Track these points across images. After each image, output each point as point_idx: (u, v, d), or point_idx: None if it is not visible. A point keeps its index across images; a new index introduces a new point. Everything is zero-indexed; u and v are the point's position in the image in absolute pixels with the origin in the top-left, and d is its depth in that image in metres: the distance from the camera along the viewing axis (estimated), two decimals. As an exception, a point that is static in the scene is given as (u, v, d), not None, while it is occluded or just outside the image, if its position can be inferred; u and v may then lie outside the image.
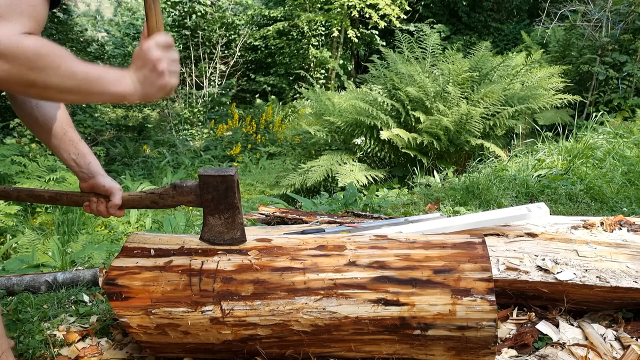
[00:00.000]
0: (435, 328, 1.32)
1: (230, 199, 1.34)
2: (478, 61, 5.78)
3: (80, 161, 1.38)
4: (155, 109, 12.93)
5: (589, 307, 1.71)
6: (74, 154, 1.37)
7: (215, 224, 1.39)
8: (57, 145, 1.37)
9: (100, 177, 1.38)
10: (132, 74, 1.03)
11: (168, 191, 1.36)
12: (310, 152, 6.34)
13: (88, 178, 1.38)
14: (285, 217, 2.43)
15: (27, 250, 3.58)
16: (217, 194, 1.33)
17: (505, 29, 11.90)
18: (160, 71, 1.03)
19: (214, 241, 1.42)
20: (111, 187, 1.38)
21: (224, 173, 1.32)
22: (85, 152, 1.39)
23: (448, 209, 3.13)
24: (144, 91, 1.04)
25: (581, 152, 4.19)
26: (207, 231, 1.41)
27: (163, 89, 1.06)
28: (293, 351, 1.43)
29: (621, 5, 7.15)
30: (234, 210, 1.36)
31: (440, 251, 1.38)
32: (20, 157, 5.52)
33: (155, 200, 1.38)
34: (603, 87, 7.10)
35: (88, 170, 1.38)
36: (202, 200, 1.35)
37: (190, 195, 1.35)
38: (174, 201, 1.37)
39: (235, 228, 1.40)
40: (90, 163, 1.38)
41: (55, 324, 1.80)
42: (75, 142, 1.38)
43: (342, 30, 11.33)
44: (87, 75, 0.97)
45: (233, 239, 1.41)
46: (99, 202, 1.39)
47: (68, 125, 1.38)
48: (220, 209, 1.36)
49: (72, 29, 11.45)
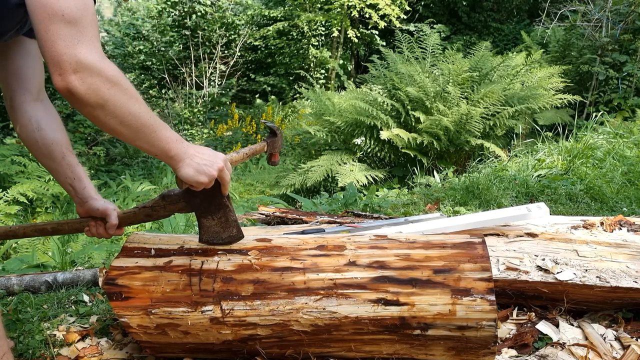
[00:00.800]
0: (435, 328, 1.32)
1: (219, 199, 1.34)
2: (478, 61, 5.78)
3: (76, 185, 1.40)
4: (155, 109, 12.93)
5: (589, 307, 1.71)
6: (71, 179, 1.39)
7: (209, 225, 1.39)
8: (55, 168, 1.39)
9: (93, 201, 1.40)
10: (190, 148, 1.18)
11: (158, 202, 1.37)
12: (310, 152, 6.34)
13: (83, 203, 1.40)
14: (285, 217, 2.43)
15: (27, 250, 3.58)
16: (205, 197, 1.33)
17: (505, 29, 11.91)
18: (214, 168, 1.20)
19: (213, 241, 1.42)
20: (105, 208, 1.39)
21: None
22: (82, 176, 1.41)
23: (448, 209, 3.13)
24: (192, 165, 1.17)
25: (581, 152, 4.19)
26: (204, 233, 1.41)
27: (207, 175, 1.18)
28: (293, 351, 1.43)
29: (621, 5, 7.15)
30: (224, 209, 1.36)
31: (440, 251, 1.38)
32: (20, 157, 5.52)
33: (148, 214, 1.39)
34: (603, 87, 7.10)
35: (82, 194, 1.40)
36: (192, 205, 1.35)
37: (180, 203, 1.36)
38: (166, 211, 1.37)
39: (230, 226, 1.40)
40: (85, 188, 1.40)
41: (55, 324, 1.80)
42: (73, 167, 1.40)
43: (342, 30, 11.34)
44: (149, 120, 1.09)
45: (231, 237, 1.41)
46: (97, 225, 1.40)
47: (67, 150, 1.40)
48: (212, 210, 1.36)
49: (72, 29, 11.42)
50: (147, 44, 12.52)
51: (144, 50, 12.43)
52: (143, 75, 12.92)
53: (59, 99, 9.02)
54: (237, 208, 4.10)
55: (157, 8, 12.03)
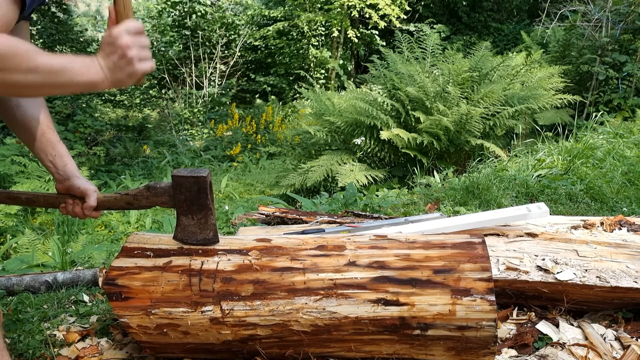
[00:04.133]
0: (435, 328, 1.32)
1: (203, 200, 1.34)
2: (478, 61, 5.77)
3: (57, 162, 1.38)
4: (155, 109, 12.94)
5: (589, 307, 1.71)
6: (52, 155, 1.37)
7: (188, 224, 1.39)
8: (35, 145, 1.37)
9: (75, 179, 1.39)
10: (100, 61, 1.03)
11: (142, 192, 1.37)
12: (310, 152, 6.34)
13: (64, 180, 1.39)
14: (285, 217, 2.43)
15: (27, 250, 3.58)
16: (189, 195, 1.33)
17: (505, 29, 11.91)
18: (130, 57, 1.03)
19: (187, 241, 1.42)
20: (86, 188, 1.38)
21: (196, 174, 1.32)
22: (63, 153, 1.39)
23: (448, 209, 3.13)
24: (114, 78, 1.04)
25: (581, 152, 4.19)
26: (180, 231, 1.41)
27: (133, 76, 1.05)
28: (293, 351, 1.43)
29: (621, 5, 7.16)
30: (206, 211, 1.36)
31: (440, 251, 1.38)
32: (20, 157, 5.52)
33: (129, 202, 1.39)
34: (603, 87, 7.10)
35: (64, 171, 1.38)
36: (175, 201, 1.35)
37: (164, 197, 1.36)
38: (148, 202, 1.37)
39: (207, 229, 1.40)
40: (67, 165, 1.39)
41: (55, 324, 1.80)
42: (53, 144, 1.38)
43: (342, 30, 11.34)
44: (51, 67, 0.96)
45: (206, 240, 1.42)
46: (74, 203, 1.39)
47: (47, 127, 1.38)
48: (193, 209, 1.36)
49: (72, 29, 11.46)
50: (147, 43, 12.50)
51: (144, 50, 12.42)
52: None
53: (59, 98, 9.03)
54: (237, 208, 4.11)
55: (157, 8, 12.04)
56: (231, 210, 4.05)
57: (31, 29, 8.75)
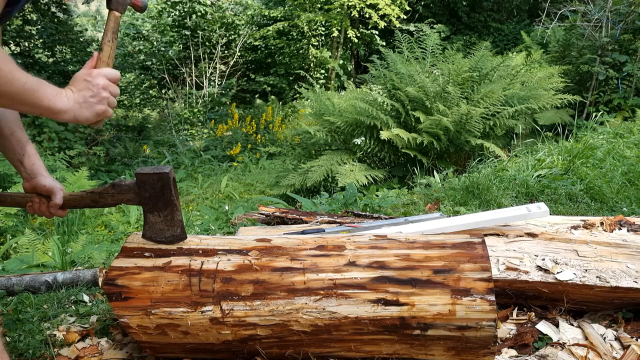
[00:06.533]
0: (435, 328, 1.32)
1: (167, 196, 1.35)
2: (478, 61, 5.77)
3: (25, 161, 1.39)
4: (155, 109, 12.94)
5: (589, 307, 1.71)
6: (20, 154, 1.39)
7: (155, 221, 1.40)
8: (3, 144, 1.39)
9: (41, 178, 1.40)
10: (70, 94, 1.07)
11: (107, 190, 1.38)
12: (310, 152, 6.34)
13: (30, 178, 1.40)
14: (285, 217, 2.43)
15: (27, 250, 3.58)
16: (154, 192, 1.35)
17: (505, 29, 11.91)
18: (102, 97, 1.09)
19: (156, 239, 1.43)
20: (52, 187, 1.39)
21: (159, 171, 1.33)
22: (31, 153, 1.40)
23: (448, 209, 3.13)
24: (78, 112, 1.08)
25: (581, 152, 4.19)
26: (148, 229, 1.42)
27: (99, 115, 1.10)
28: (293, 351, 1.43)
29: (621, 5, 7.15)
30: (172, 207, 1.37)
31: (440, 251, 1.38)
32: (20, 158, 5.50)
33: (95, 200, 1.40)
34: (603, 87, 7.10)
35: (31, 170, 1.40)
36: (141, 198, 1.37)
37: (129, 194, 1.37)
38: (114, 200, 1.39)
39: (175, 225, 1.41)
40: (34, 164, 1.40)
41: (55, 324, 1.80)
42: (22, 143, 1.40)
43: (342, 30, 11.34)
44: (26, 84, 0.98)
45: (174, 236, 1.43)
46: (41, 202, 1.40)
47: (16, 126, 1.39)
48: (159, 206, 1.37)
49: (72, 29, 11.45)
50: (147, 44, 12.54)
51: (144, 50, 12.45)
52: (143, 75, 12.94)
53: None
54: (237, 208, 4.10)
55: (157, 8, 12.05)
56: (231, 210, 4.05)
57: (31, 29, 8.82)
